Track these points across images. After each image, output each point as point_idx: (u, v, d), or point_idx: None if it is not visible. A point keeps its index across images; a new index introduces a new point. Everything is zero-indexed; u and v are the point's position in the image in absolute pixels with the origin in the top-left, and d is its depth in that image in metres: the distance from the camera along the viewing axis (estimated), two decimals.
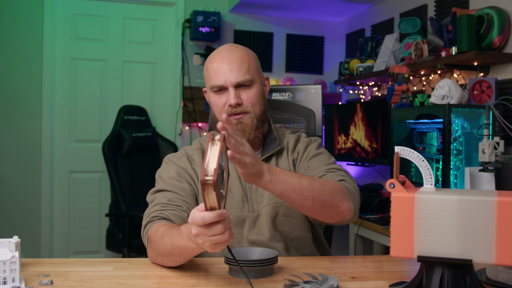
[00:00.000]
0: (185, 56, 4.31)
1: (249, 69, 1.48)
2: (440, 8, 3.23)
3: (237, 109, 1.47)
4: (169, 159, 1.57)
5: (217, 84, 1.47)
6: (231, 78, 1.45)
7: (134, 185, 3.78)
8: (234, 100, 1.45)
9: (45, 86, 4.06)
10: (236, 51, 1.49)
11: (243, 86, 1.47)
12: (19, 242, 1.21)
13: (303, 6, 4.20)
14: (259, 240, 1.47)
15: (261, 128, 1.51)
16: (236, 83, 1.46)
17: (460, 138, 2.53)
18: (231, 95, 1.46)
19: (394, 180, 1.07)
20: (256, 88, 1.50)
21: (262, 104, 1.52)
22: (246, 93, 1.48)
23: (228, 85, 1.46)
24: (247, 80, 1.47)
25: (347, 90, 4.25)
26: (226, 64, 1.46)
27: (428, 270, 1.07)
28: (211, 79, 1.48)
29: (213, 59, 1.50)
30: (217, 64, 1.47)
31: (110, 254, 3.86)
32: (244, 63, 1.48)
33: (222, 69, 1.46)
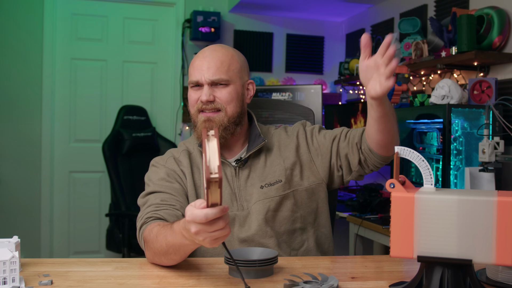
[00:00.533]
0: (185, 56, 4.31)
1: (228, 70, 1.50)
2: (440, 8, 3.23)
3: (208, 106, 1.49)
4: (156, 162, 1.58)
5: (193, 79, 1.51)
6: (206, 75, 1.48)
7: (134, 185, 3.78)
8: (205, 97, 1.48)
9: (45, 86, 4.06)
10: (219, 51, 1.52)
11: (220, 84, 1.50)
12: (19, 242, 1.21)
13: (303, 6, 4.20)
14: (249, 238, 1.48)
15: (231, 129, 1.51)
16: (211, 81, 1.48)
17: (460, 138, 2.53)
18: (204, 92, 1.49)
19: (394, 180, 1.07)
20: (233, 88, 1.51)
21: (237, 106, 1.52)
22: (220, 91, 1.50)
23: (203, 82, 1.49)
24: (223, 80, 1.49)
25: (347, 90, 4.25)
26: (206, 63, 1.49)
27: (428, 270, 1.07)
28: (190, 75, 1.53)
29: (197, 56, 1.54)
30: (198, 62, 1.51)
31: (110, 254, 3.85)
32: (224, 64, 1.50)
33: (201, 67, 1.49)
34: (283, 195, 1.52)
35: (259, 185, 1.52)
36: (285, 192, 1.53)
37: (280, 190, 1.52)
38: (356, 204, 3.10)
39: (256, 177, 1.54)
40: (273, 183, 1.52)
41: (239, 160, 1.54)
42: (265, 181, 1.53)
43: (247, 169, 1.54)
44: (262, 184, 1.52)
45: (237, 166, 1.54)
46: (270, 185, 1.52)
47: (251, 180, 1.53)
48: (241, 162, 1.54)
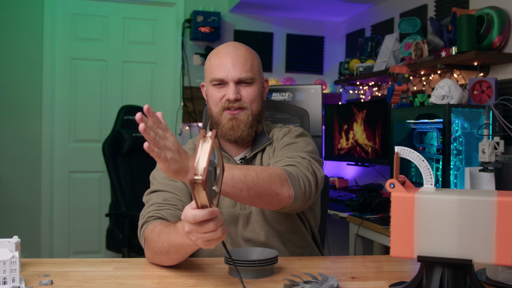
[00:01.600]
0: (185, 56, 4.31)
1: (252, 68, 1.49)
2: (440, 8, 3.23)
3: (235, 104, 1.48)
4: None
5: (217, 77, 1.48)
6: (233, 73, 1.46)
7: (134, 185, 3.78)
8: (233, 95, 1.46)
9: (45, 86, 4.06)
10: (241, 49, 1.51)
11: (244, 83, 1.49)
12: (19, 242, 1.21)
13: (303, 6, 4.20)
14: (254, 238, 1.48)
15: (255, 127, 1.52)
16: (238, 79, 1.47)
17: (460, 138, 2.53)
18: (230, 90, 1.47)
19: (394, 180, 1.07)
20: (256, 87, 1.51)
21: (259, 104, 1.53)
22: (245, 90, 1.49)
23: (229, 80, 1.47)
24: (249, 77, 1.48)
25: (347, 90, 4.24)
26: (230, 60, 1.47)
27: (428, 270, 1.07)
28: (212, 72, 1.49)
29: (217, 53, 1.51)
30: (221, 58, 1.48)
31: (110, 254, 3.86)
32: (248, 61, 1.49)
33: (226, 64, 1.47)
34: None
35: None
36: None
37: None
38: (356, 204, 3.11)
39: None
40: None
41: (244, 159, 1.54)
42: None
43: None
44: None
45: (243, 164, 1.53)
46: None
47: None
48: (245, 160, 1.54)
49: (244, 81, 1.48)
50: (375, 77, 3.56)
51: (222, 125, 1.49)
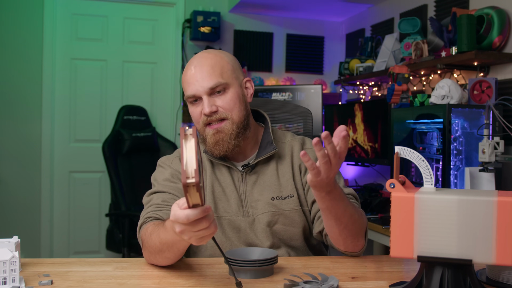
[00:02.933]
0: (185, 56, 4.31)
1: (222, 73, 1.42)
2: (440, 8, 3.23)
3: (213, 117, 1.41)
4: (163, 162, 1.55)
5: (189, 94, 1.42)
6: (202, 85, 1.40)
7: (134, 185, 3.78)
8: (208, 109, 1.40)
9: (45, 86, 4.06)
10: (207, 58, 1.44)
11: (217, 92, 1.41)
12: (19, 242, 1.21)
13: (303, 6, 4.20)
14: (258, 246, 1.46)
15: (242, 135, 1.44)
16: (209, 89, 1.40)
17: (460, 138, 2.53)
18: (205, 104, 1.40)
19: (394, 180, 1.07)
20: (232, 92, 1.43)
21: (242, 109, 1.44)
22: (221, 99, 1.41)
23: (201, 94, 1.40)
24: (219, 84, 1.40)
25: (347, 90, 4.25)
26: (197, 73, 1.41)
27: (428, 270, 1.07)
28: (185, 90, 1.44)
29: (186, 69, 1.45)
30: (189, 73, 1.43)
31: (110, 254, 3.86)
32: (216, 68, 1.41)
33: (194, 78, 1.41)
34: (294, 210, 1.49)
35: (269, 195, 1.48)
36: (296, 209, 1.49)
37: (291, 205, 1.48)
38: None
39: (266, 185, 1.49)
40: (284, 197, 1.48)
41: (247, 166, 1.50)
42: (277, 194, 1.48)
43: (255, 175, 1.50)
44: (274, 195, 1.48)
45: (244, 171, 1.50)
46: (281, 199, 1.48)
47: (259, 186, 1.49)
48: (248, 167, 1.50)
49: (216, 90, 1.41)
50: (375, 77, 3.56)
51: (207, 141, 1.44)
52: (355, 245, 1.36)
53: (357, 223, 1.32)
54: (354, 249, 1.38)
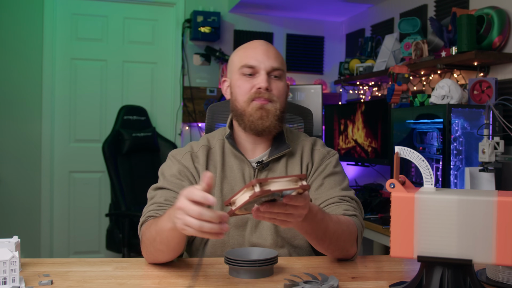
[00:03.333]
0: (185, 56, 4.31)
1: (283, 62, 1.48)
2: (440, 8, 3.23)
3: (265, 94, 1.43)
4: (173, 155, 1.54)
5: (250, 63, 1.44)
6: (266, 62, 1.44)
7: (134, 185, 3.78)
8: (265, 83, 1.42)
9: (45, 86, 4.06)
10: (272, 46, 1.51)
11: (274, 76, 1.45)
12: (19, 242, 1.21)
13: (303, 6, 4.20)
14: (260, 244, 1.46)
15: (280, 124, 1.47)
16: (271, 68, 1.44)
17: (460, 138, 2.53)
18: (262, 78, 1.42)
19: (394, 180, 1.07)
20: (284, 83, 1.49)
21: (285, 102, 1.50)
22: (275, 84, 1.45)
23: (262, 69, 1.44)
24: (281, 69, 1.46)
25: (347, 90, 4.24)
26: (263, 50, 1.45)
27: (428, 270, 1.07)
28: (243, 60, 1.45)
29: (249, 45, 1.49)
30: (253, 49, 1.46)
31: (110, 254, 3.86)
32: (279, 56, 1.48)
33: (258, 54, 1.44)
34: None
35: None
36: None
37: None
38: None
39: None
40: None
41: (260, 163, 1.49)
42: None
43: (266, 172, 1.49)
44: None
45: (257, 168, 1.49)
46: None
47: None
48: (261, 165, 1.49)
49: (276, 71, 1.45)
50: (375, 77, 3.56)
51: (249, 115, 1.44)
52: (345, 254, 1.36)
53: (343, 237, 1.30)
54: (346, 257, 1.38)
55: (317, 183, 1.49)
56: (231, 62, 1.52)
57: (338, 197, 1.45)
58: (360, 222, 1.42)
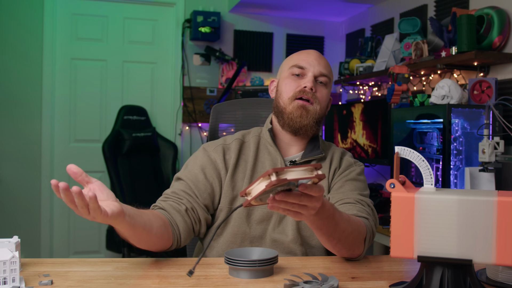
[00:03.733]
0: (185, 56, 4.31)
1: (330, 72, 1.57)
2: (440, 8, 3.23)
3: (309, 94, 1.49)
4: (205, 147, 1.56)
5: (301, 64, 1.52)
6: (316, 66, 1.52)
7: (134, 185, 3.78)
8: (311, 84, 1.49)
9: (45, 86, 4.06)
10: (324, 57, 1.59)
11: (320, 82, 1.52)
12: (19, 242, 1.21)
13: (303, 6, 4.20)
14: (281, 239, 1.47)
15: (317, 126, 1.53)
16: (319, 73, 1.51)
17: (460, 138, 2.53)
18: (308, 79, 1.50)
19: (394, 180, 1.07)
20: (329, 90, 1.55)
21: (325, 109, 1.56)
22: (320, 89, 1.52)
23: (311, 71, 1.51)
24: (328, 75, 1.53)
25: (347, 90, 4.25)
26: (315, 56, 1.54)
27: (428, 270, 1.07)
28: (295, 60, 1.53)
29: (303, 51, 1.57)
30: (307, 53, 1.55)
31: (110, 254, 3.86)
32: (328, 65, 1.57)
33: (310, 58, 1.53)
34: None
35: None
36: None
37: None
38: None
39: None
40: None
41: (293, 162, 1.53)
42: None
43: None
44: None
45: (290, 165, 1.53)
46: None
47: None
48: (293, 164, 1.52)
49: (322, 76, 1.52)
50: (375, 77, 3.56)
51: (290, 112, 1.50)
52: (351, 254, 1.36)
53: (352, 236, 1.30)
54: (352, 256, 1.38)
55: (339, 185, 1.53)
56: (283, 64, 1.60)
57: (355, 199, 1.47)
58: (371, 225, 1.42)
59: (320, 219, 1.20)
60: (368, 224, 1.41)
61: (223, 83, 4.35)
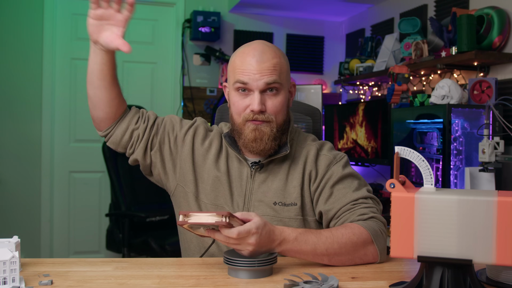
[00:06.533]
0: (185, 56, 4.31)
1: (280, 73, 1.39)
2: (440, 8, 3.23)
3: (259, 116, 1.38)
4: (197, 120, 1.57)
5: (242, 79, 1.38)
6: (259, 81, 1.36)
7: (134, 185, 3.78)
8: (258, 107, 1.36)
9: (45, 86, 4.06)
10: (270, 52, 1.39)
11: (270, 91, 1.39)
12: (19, 242, 1.21)
13: (303, 6, 4.20)
14: None
15: (279, 139, 1.42)
16: (265, 85, 1.37)
17: (460, 138, 2.53)
18: (255, 100, 1.37)
19: (394, 180, 1.07)
20: (282, 95, 1.41)
21: (284, 114, 1.43)
22: (271, 100, 1.39)
23: (254, 88, 1.37)
24: (276, 84, 1.38)
25: (347, 90, 4.25)
26: (258, 64, 1.36)
27: (428, 270, 1.07)
28: (236, 74, 1.39)
29: (243, 54, 1.40)
30: (248, 60, 1.37)
31: (110, 254, 3.85)
32: (277, 66, 1.38)
33: (252, 68, 1.36)
34: (294, 219, 1.43)
35: (272, 199, 1.43)
36: (297, 218, 1.43)
37: (292, 213, 1.43)
38: None
39: (272, 188, 1.44)
40: (288, 203, 1.43)
41: (257, 163, 1.46)
42: (280, 199, 1.43)
43: (265, 173, 1.46)
44: (277, 200, 1.43)
45: (254, 169, 1.46)
46: (284, 205, 1.43)
47: (265, 187, 1.45)
48: (257, 166, 1.46)
49: (271, 87, 1.38)
50: (375, 77, 3.56)
51: (245, 135, 1.41)
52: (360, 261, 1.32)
53: (345, 249, 1.28)
54: (366, 262, 1.33)
55: (326, 193, 1.43)
56: (229, 70, 1.46)
57: (351, 203, 1.40)
58: (378, 223, 1.36)
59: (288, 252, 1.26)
60: (373, 224, 1.35)
61: (223, 83, 4.34)
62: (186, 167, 1.50)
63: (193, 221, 1.13)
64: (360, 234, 1.31)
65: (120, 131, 1.57)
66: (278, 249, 1.24)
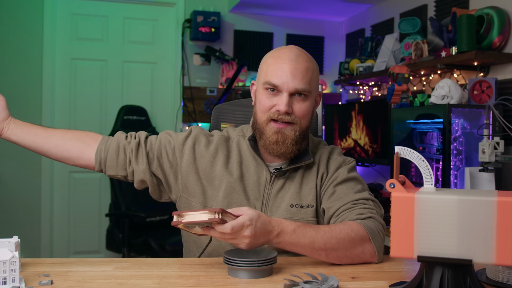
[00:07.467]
0: (185, 56, 4.31)
1: (311, 80, 1.41)
2: (440, 8, 3.23)
3: (285, 117, 1.39)
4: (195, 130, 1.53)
5: (273, 82, 1.38)
6: (290, 83, 1.37)
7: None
8: (285, 108, 1.37)
9: (45, 86, 4.06)
10: (304, 58, 1.41)
11: (298, 96, 1.40)
12: (19, 242, 1.21)
13: (303, 6, 4.20)
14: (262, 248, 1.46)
15: (300, 144, 1.43)
16: (295, 90, 1.38)
17: (460, 138, 2.53)
18: (283, 101, 1.38)
19: (394, 180, 1.07)
20: (310, 102, 1.43)
21: (309, 120, 1.45)
22: (299, 104, 1.40)
23: (284, 90, 1.38)
24: (306, 90, 1.39)
25: (347, 90, 4.25)
26: (290, 67, 1.38)
27: (428, 270, 1.07)
28: (268, 75, 1.40)
29: (277, 56, 1.42)
30: (281, 63, 1.39)
31: (110, 254, 3.86)
32: (308, 73, 1.40)
33: (284, 71, 1.38)
34: (311, 221, 1.44)
35: (289, 202, 1.45)
36: (313, 219, 1.45)
37: (309, 215, 1.45)
38: None
39: (290, 191, 1.46)
40: (304, 205, 1.45)
41: (278, 170, 1.47)
42: (297, 201, 1.45)
43: (283, 180, 1.47)
44: (293, 203, 1.45)
45: (274, 174, 1.46)
46: (300, 207, 1.45)
47: (283, 191, 1.46)
48: (279, 172, 1.46)
49: (300, 93, 1.39)
50: (375, 77, 3.57)
51: (267, 137, 1.41)
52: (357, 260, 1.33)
53: (342, 245, 1.29)
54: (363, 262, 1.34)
55: (329, 192, 1.46)
56: (260, 69, 1.47)
57: (351, 202, 1.42)
58: (376, 223, 1.37)
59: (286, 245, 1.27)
60: (371, 223, 1.36)
61: (223, 83, 4.35)
62: (189, 177, 1.48)
63: (186, 220, 1.14)
64: (358, 231, 1.32)
65: (112, 150, 1.55)
66: (275, 241, 1.24)
